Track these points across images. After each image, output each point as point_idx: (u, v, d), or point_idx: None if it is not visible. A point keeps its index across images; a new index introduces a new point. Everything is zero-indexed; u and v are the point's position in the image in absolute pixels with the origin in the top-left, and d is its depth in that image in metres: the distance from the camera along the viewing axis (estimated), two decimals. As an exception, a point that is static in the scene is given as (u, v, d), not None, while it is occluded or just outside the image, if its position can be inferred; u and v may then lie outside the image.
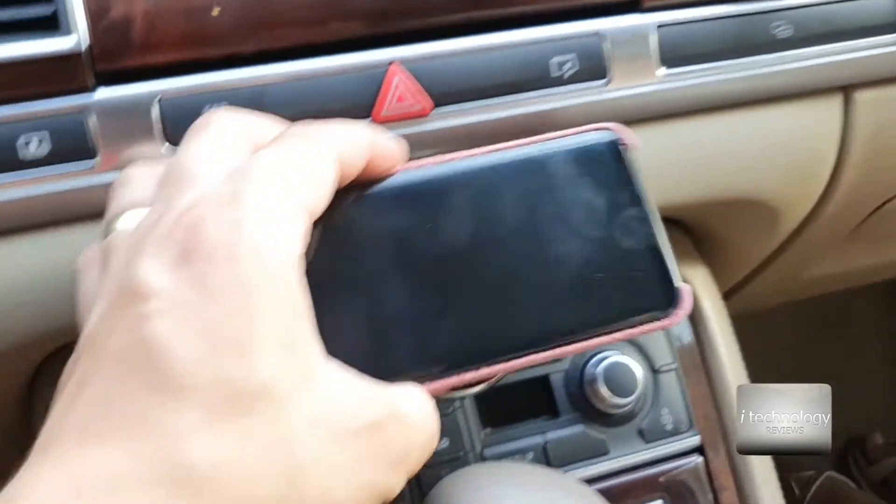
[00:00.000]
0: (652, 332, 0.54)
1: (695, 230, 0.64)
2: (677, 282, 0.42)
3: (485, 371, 0.41)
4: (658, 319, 0.42)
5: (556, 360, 0.51)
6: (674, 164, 0.54)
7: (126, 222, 0.36)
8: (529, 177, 0.44)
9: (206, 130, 0.37)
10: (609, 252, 0.43)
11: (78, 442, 0.28)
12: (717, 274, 0.66)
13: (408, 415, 0.36)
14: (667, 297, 0.42)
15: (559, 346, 0.42)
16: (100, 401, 0.29)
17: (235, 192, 0.32)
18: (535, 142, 0.44)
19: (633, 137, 0.43)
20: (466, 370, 0.41)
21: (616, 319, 0.42)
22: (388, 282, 0.41)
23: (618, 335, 0.42)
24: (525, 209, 0.43)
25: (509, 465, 0.49)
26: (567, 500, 0.40)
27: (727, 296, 0.66)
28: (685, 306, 0.42)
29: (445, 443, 0.55)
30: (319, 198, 0.35)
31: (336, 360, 0.34)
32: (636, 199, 0.43)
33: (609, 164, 0.44)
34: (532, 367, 0.41)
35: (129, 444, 0.28)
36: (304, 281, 0.32)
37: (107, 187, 0.44)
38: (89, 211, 0.45)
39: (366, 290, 0.41)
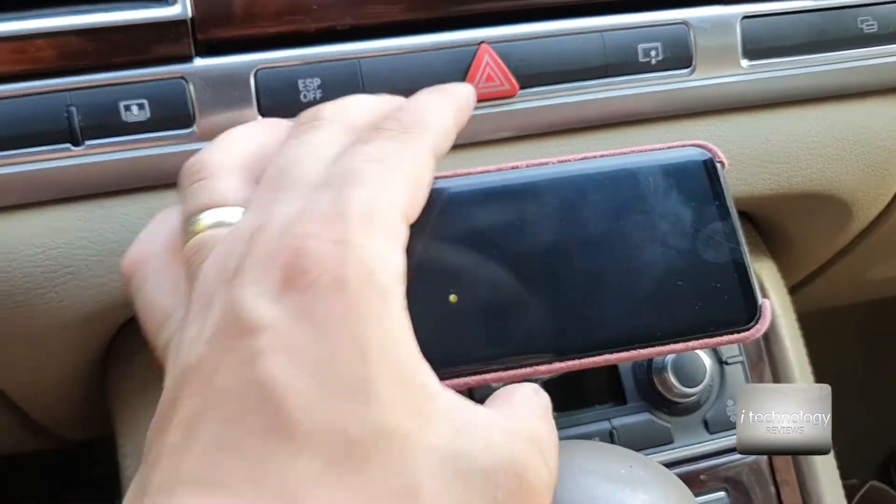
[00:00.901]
0: (729, 344, 0.55)
1: (764, 224, 0.64)
2: (759, 298, 0.43)
3: (559, 366, 0.42)
4: (737, 333, 0.43)
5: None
6: (753, 156, 0.55)
7: (213, 220, 0.33)
8: (622, 186, 0.45)
9: (313, 130, 0.34)
10: (695, 264, 0.44)
11: (201, 491, 0.26)
12: (783, 270, 0.66)
13: (549, 444, 0.32)
14: (748, 312, 0.43)
15: (636, 349, 0.43)
16: (217, 445, 0.27)
17: (338, 205, 0.29)
18: (629, 153, 0.46)
19: (723, 156, 0.45)
20: (542, 364, 0.42)
21: (696, 329, 0.43)
22: (471, 274, 0.42)
23: (695, 343, 0.43)
24: (615, 216, 0.44)
25: (592, 443, 0.49)
26: (648, 478, 0.40)
27: (790, 293, 0.66)
28: (765, 322, 0.43)
29: (513, 424, 0.55)
30: (418, 203, 0.33)
31: (450, 390, 0.31)
32: (726, 215, 0.45)
33: (703, 180, 0.45)
34: (606, 365, 0.42)
35: (252, 496, 0.26)
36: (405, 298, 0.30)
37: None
38: (184, 177, 0.46)
39: (449, 281, 0.42)
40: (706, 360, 0.57)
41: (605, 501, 0.38)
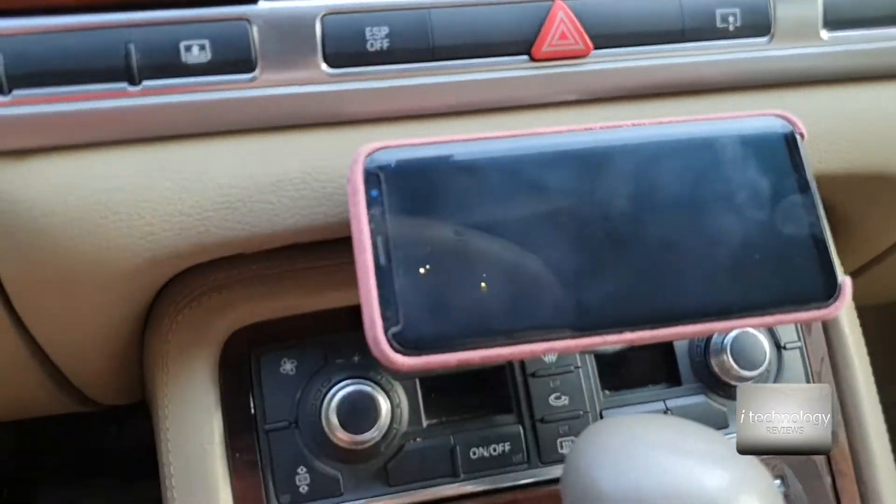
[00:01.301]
0: (805, 321, 0.53)
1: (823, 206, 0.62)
2: (840, 275, 0.42)
3: (629, 336, 0.41)
4: (816, 309, 0.42)
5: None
6: (826, 132, 0.52)
7: None
8: (699, 153, 0.43)
9: None
10: (774, 237, 0.42)
11: None
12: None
13: None
14: (828, 289, 0.42)
15: (711, 321, 0.41)
16: None
17: None
18: (707, 119, 0.44)
19: (803, 127, 0.43)
20: (613, 333, 0.40)
21: (773, 304, 0.42)
22: (544, 242, 0.41)
23: (770, 319, 0.42)
24: (692, 184, 0.43)
25: (665, 416, 0.47)
26: (728, 455, 0.38)
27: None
28: (844, 300, 0.42)
29: (565, 400, 0.53)
30: None
31: None
32: (806, 188, 0.43)
33: (783, 152, 0.44)
34: (676, 339, 0.41)
35: None
36: None
37: (264, 102, 0.43)
38: (243, 125, 0.44)
39: (520, 246, 0.40)
40: (765, 343, 0.55)
41: (683, 478, 0.36)
